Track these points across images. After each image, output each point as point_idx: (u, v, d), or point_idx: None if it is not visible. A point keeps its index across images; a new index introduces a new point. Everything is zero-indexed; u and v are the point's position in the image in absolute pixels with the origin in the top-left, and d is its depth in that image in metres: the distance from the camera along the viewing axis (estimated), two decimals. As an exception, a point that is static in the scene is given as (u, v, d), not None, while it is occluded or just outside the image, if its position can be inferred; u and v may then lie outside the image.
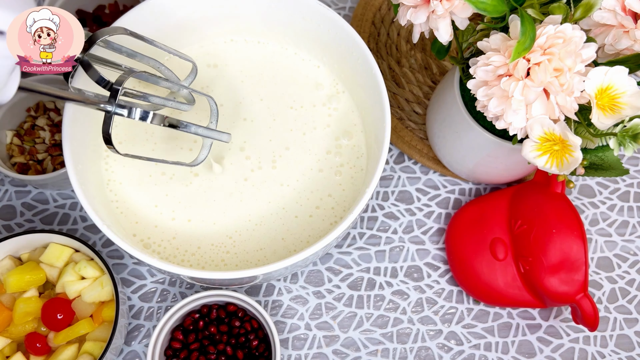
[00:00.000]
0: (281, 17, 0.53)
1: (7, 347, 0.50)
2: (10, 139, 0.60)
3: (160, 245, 0.50)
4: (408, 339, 0.58)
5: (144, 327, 0.57)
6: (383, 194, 0.63)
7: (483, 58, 0.41)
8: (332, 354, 0.57)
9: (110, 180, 0.51)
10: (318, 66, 0.56)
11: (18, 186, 0.61)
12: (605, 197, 0.64)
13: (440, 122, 0.57)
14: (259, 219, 0.51)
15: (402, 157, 0.65)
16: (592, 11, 0.40)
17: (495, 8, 0.39)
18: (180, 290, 0.58)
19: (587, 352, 0.59)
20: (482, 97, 0.41)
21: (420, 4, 0.43)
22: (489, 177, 0.60)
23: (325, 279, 0.59)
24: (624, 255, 0.62)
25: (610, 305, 0.60)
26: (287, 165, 0.53)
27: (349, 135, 0.54)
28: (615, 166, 0.48)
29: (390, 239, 0.61)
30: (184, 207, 0.51)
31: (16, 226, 0.60)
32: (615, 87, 0.38)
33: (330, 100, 0.55)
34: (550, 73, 0.38)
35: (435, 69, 0.67)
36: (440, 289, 0.60)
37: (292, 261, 0.43)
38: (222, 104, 0.54)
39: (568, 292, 0.52)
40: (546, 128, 0.39)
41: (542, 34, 0.38)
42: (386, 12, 0.69)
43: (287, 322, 0.58)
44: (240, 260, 0.50)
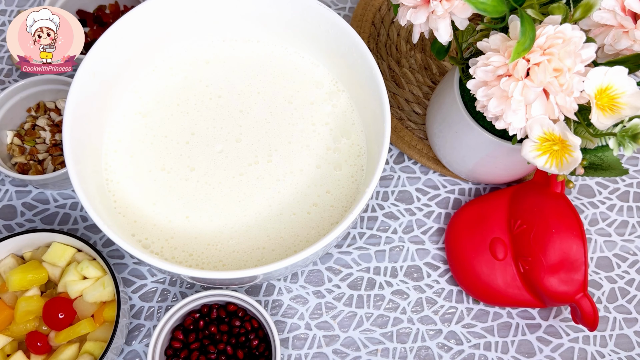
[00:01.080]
0: (281, 17, 0.53)
1: (8, 346, 0.50)
2: (11, 139, 0.60)
3: (159, 244, 0.50)
4: (408, 338, 0.58)
5: (145, 326, 0.57)
6: (383, 194, 0.63)
7: (483, 58, 0.41)
8: (332, 354, 0.57)
9: (108, 179, 0.51)
10: (317, 65, 0.56)
11: (19, 186, 0.61)
12: (604, 197, 0.64)
13: (440, 122, 0.57)
14: (255, 215, 0.51)
15: (402, 157, 0.65)
16: (592, 11, 0.40)
17: (495, 8, 0.39)
18: (180, 289, 0.58)
19: (586, 351, 0.59)
20: (482, 97, 0.41)
21: (420, 4, 0.43)
22: (488, 177, 0.60)
23: (325, 279, 0.59)
24: (624, 255, 0.62)
25: (609, 305, 0.60)
26: (283, 160, 0.53)
27: (348, 134, 0.54)
28: (614, 166, 0.48)
29: (390, 238, 0.61)
30: (182, 204, 0.51)
31: (17, 226, 0.60)
32: (614, 87, 0.38)
33: (329, 99, 0.55)
34: (550, 73, 0.38)
35: (435, 69, 0.67)
36: (440, 289, 0.60)
37: (292, 261, 0.43)
38: (220, 95, 0.54)
39: (567, 292, 0.52)
40: (546, 128, 0.39)
41: (542, 34, 0.38)
42: (386, 12, 0.69)
43: (287, 322, 0.58)
44: (239, 260, 0.50)
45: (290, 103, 0.55)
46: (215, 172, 0.52)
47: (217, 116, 0.54)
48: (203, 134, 0.53)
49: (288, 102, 0.55)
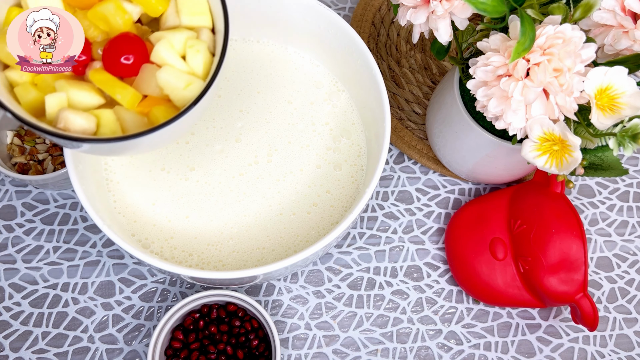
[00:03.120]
0: (281, 17, 0.53)
1: None
2: (11, 139, 0.60)
3: (159, 244, 0.50)
4: (408, 338, 0.58)
5: (145, 326, 0.57)
6: (383, 194, 0.63)
7: (483, 58, 0.41)
8: (332, 354, 0.57)
9: (108, 179, 0.51)
10: (317, 65, 0.56)
11: (19, 186, 0.61)
12: (604, 197, 0.64)
13: (440, 122, 0.57)
14: (255, 215, 0.51)
15: (402, 157, 0.65)
16: (592, 11, 0.40)
17: (495, 8, 0.39)
18: (180, 290, 0.58)
19: (586, 351, 0.59)
20: (482, 98, 0.41)
21: (420, 4, 0.43)
22: (488, 177, 0.60)
23: (325, 279, 0.59)
24: (624, 255, 0.62)
25: (609, 305, 0.60)
26: (283, 160, 0.53)
27: (348, 134, 0.54)
28: (614, 166, 0.48)
29: (390, 238, 0.61)
30: (182, 204, 0.51)
31: (17, 226, 0.60)
32: (614, 88, 0.38)
33: (329, 99, 0.55)
34: (550, 73, 0.38)
35: (435, 69, 0.67)
36: (440, 289, 0.60)
37: (292, 261, 0.43)
38: (220, 95, 0.54)
39: (567, 292, 0.52)
40: (546, 128, 0.39)
41: (542, 34, 0.38)
42: (386, 12, 0.69)
43: (287, 322, 0.58)
44: (239, 260, 0.50)
45: (290, 103, 0.55)
46: (215, 172, 0.52)
47: (217, 116, 0.54)
48: (203, 134, 0.53)
49: (288, 102, 0.55)
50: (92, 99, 0.38)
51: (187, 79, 0.38)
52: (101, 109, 0.38)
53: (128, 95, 0.38)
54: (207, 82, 0.38)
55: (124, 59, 0.38)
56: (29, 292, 0.57)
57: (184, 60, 0.39)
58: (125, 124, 0.39)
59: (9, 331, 0.56)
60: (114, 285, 0.58)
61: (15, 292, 0.57)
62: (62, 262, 0.58)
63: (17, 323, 0.57)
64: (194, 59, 0.39)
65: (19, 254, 0.59)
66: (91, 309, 0.57)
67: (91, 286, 0.58)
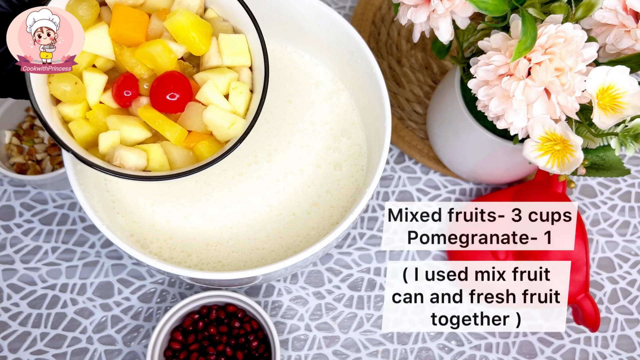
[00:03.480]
0: (281, 16, 0.53)
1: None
2: (9, 138, 0.60)
3: (158, 245, 0.50)
4: (408, 339, 0.58)
5: (144, 327, 0.57)
6: (383, 194, 0.63)
7: (484, 57, 0.41)
8: (332, 355, 0.57)
9: (106, 179, 0.51)
10: (317, 65, 0.56)
11: (17, 186, 0.61)
12: (606, 197, 0.64)
13: (441, 121, 0.57)
14: (255, 215, 0.51)
15: (402, 157, 0.64)
16: (593, 11, 0.40)
17: (496, 7, 0.39)
18: (179, 290, 0.58)
19: (588, 352, 0.59)
20: (483, 97, 0.41)
21: (420, 3, 0.42)
22: (489, 177, 0.60)
23: (325, 280, 0.59)
24: (625, 255, 0.62)
25: (611, 306, 0.60)
26: (283, 160, 0.52)
27: (348, 134, 0.54)
28: (616, 166, 0.48)
29: (390, 239, 0.61)
30: (181, 204, 0.51)
31: (15, 226, 0.59)
32: (616, 87, 0.38)
33: (329, 98, 0.55)
34: (552, 73, 0.38)
35: (435, 69, 0.67)
36: (441, 290, 0.60)
37: (291, 262, 0.43)
38: None
39: (569, 293, 0.52)
40: (547, 128, 0.39)
41: (543, 33, 0.38)
42: (386, 11, 0.69)
43: (287, 323, 0.58)
44: (239, 261, 0.50)
45: (290, 102, 0.54)
46: (215, 172, 0.52)
47: None
48: (202, 134, 0.53)
49: (288, 101, 0.54)
50: (141, 134, 0.43)
51: (231, 119, 0.43)
52: (150, 144, 0.43)
53: (176, 133, 0.42)
54: (250, 123, 0.42)
55: (170, 96, 0.41)
56: (27, 292, 0.57)
57: (227, 99, 0.43)
58: (172, 157, 0.43)
59: (7, 332, 0.56)
60: (113, 286, 0.58)
61: (14, 293, 0.57)
62: (61, 263, 0.58)
63: (15, 324, 0.56)
64: (237, 100, 0.43)
65: (17, 255, 0.58)
66: (90, 310, 0.57)
67: (90, 287, 0.58)
